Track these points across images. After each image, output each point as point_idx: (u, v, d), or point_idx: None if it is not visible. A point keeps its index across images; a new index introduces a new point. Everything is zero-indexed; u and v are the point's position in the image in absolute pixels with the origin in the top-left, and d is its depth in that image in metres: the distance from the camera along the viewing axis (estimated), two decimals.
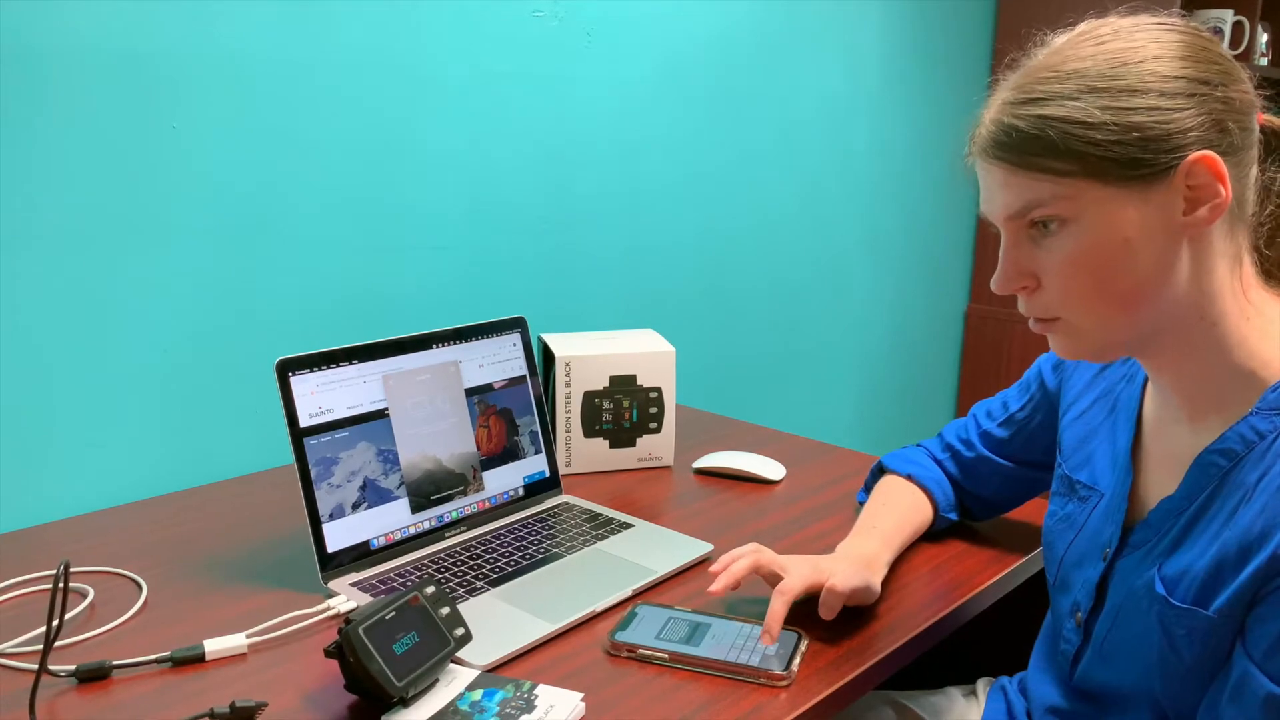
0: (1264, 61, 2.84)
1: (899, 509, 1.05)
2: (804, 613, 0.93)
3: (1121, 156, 0.68)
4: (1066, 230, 0.71)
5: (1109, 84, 0.69)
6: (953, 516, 1.10)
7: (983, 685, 1.11)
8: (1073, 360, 0.93)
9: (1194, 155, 0.68)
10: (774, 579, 0.92)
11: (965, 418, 1.11)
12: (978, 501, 1.11)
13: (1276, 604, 0.66)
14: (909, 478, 1.09)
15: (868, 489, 1.15)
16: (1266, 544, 0.67)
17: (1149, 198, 0.69)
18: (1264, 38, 2.81)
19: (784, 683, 0.83)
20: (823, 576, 0.90)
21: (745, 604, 0.96)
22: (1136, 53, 0.70)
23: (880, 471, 1.14)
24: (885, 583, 1.00)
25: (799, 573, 0.90)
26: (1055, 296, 0.74)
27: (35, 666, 0.81)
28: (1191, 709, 0.74)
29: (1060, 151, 0.69)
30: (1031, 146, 0.70)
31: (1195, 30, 0.72)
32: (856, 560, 0.94)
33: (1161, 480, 0.80)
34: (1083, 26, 0.74)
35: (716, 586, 0.89)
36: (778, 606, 0.86)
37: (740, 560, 0.91)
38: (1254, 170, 0.73)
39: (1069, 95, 0.69)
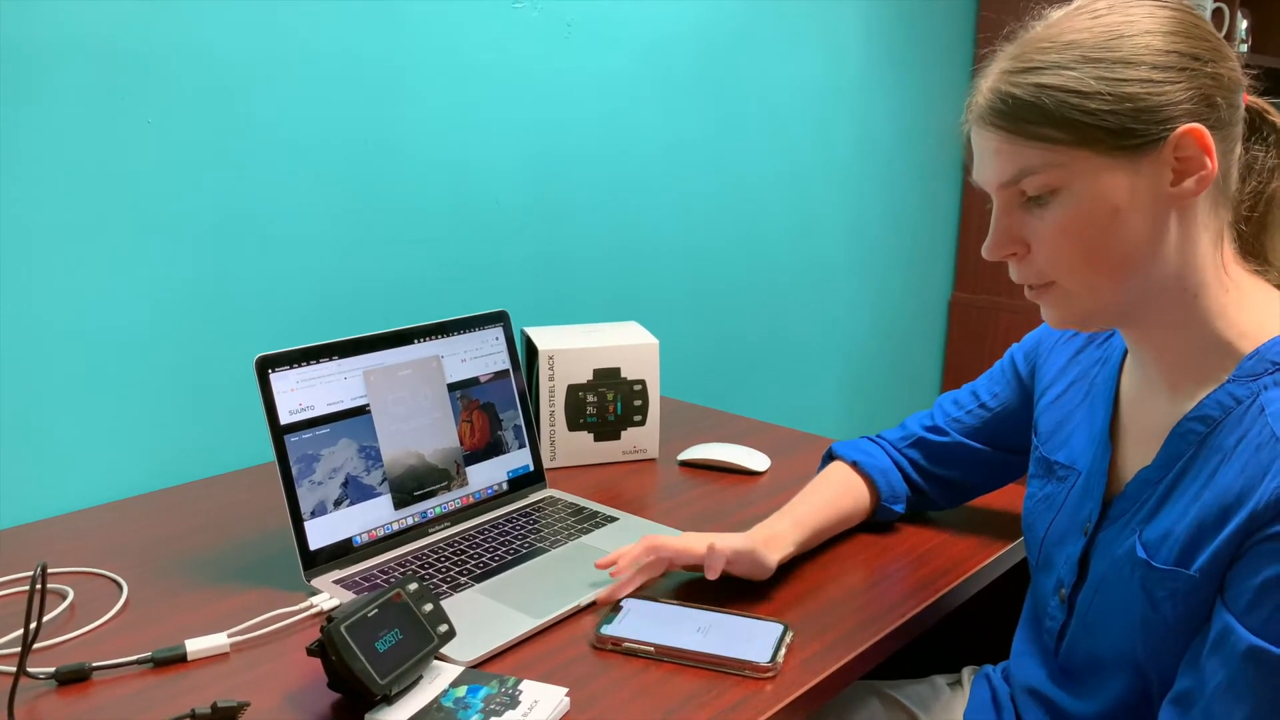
0: (1244, 48, 2.84)
1: (825, 494, 1.06)
2: (790, 605, 0.94)
3: (1114, 126, 0.70)
4: (1057, 198, 0.73)
5: (1104, 55, 0.71)
6: (898, 509, 1.09)
7: (968, 674, 1.11)
8: (1060, 330, 0.94)
9: (1183, 128, 0.70)
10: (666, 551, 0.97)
11: (931, 409, 1.11)
12: (947, 486, 1.10)
13: (1257, 559, 0.67)
14: (854, 464, 1.09)
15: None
16: (1246, 502, 0.68)
17: (1138, 168, 0.71)
18: (1244, 24, 2.82)
19: (769, 674, 0.83)
20: (709, 542, 0.94)
21: (731, 595, 0.96)
22: (1131, 26, 0.71)
23: (830, 457, 1.14)
24: (869, 573, 1.00)
25: (683, 537, 0.96)
26: (1046, 263, 0.75)
27: (14, 669, 0.80)
28: (1173, 669, 0.74)
29: (1055, 119, 0.71)
30: (1027, 114, 0.72)
31: (1187, 9, 0.74)
32: (755, 535, 0.97)
33: (1139, 454, 0.81)
34: (1079, 1, 0.75)
35: (616, 569, 0.95)
36: (637, 549, 0.94)
37: (634, 546, 0.96)
38: (1238, 148, 0.75)
39: (1065, 65, 0.71)
